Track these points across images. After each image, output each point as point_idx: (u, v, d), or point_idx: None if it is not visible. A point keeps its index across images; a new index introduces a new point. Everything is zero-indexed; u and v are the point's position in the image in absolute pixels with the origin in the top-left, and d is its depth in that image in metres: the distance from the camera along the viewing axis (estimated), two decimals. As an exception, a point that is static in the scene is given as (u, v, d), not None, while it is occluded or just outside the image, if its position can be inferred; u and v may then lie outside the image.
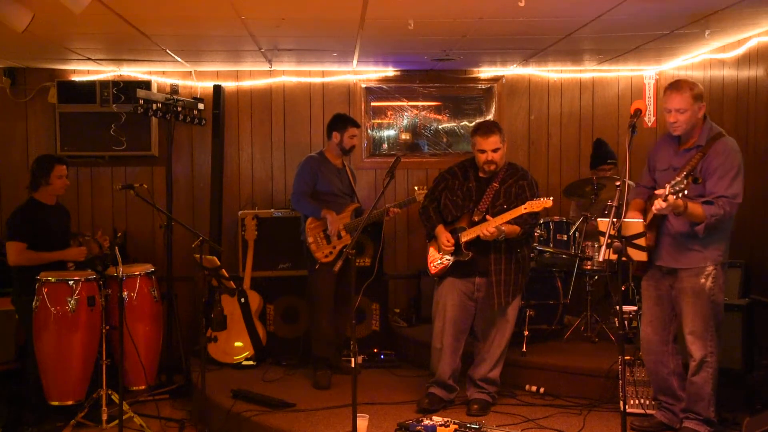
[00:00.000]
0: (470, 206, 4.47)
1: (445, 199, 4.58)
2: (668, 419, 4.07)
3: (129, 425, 4.62)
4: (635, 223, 3.65)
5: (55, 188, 4.96)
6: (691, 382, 3.89)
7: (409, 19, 4.54)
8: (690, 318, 3.85)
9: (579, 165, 6.66)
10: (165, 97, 5.75)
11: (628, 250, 3.41)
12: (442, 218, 4.59)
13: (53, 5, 3.69)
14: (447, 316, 4.50)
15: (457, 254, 4.44)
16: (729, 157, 3.76)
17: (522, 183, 4.46)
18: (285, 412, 4.53)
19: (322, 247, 5.21)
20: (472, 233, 4.36)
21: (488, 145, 4.39)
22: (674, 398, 4.06)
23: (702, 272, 3.82)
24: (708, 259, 3.82)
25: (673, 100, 3.79)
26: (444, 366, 4.51)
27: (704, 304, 3.82)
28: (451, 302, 4.49)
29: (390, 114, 6.86)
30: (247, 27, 4.79)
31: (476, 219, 4.40)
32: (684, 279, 3.87)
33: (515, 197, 4.40)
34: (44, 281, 4.67)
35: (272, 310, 5.95)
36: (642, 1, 4.21)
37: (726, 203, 3.67)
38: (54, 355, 4.64)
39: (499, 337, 4.49)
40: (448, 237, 4.46)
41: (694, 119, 3.81)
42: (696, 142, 3.85)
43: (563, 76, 6.72)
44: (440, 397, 4.52)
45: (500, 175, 4.49)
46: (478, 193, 4.49)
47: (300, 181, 5.31)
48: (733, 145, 3.83)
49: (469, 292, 4.50)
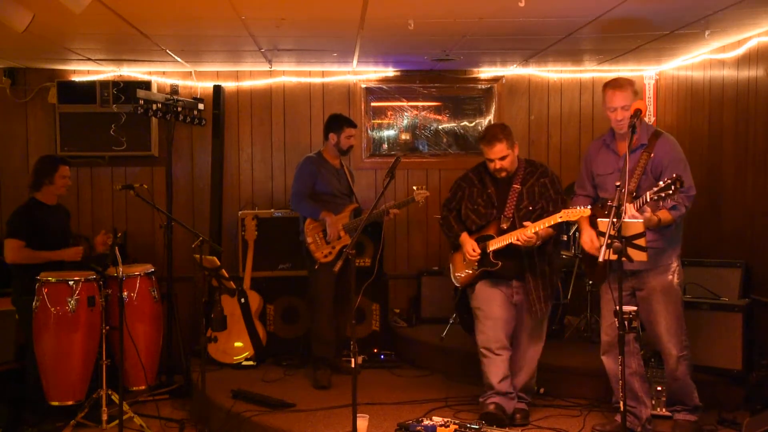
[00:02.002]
0: (494, 213, 4.28)
1: (466, 209, 4.38)
2: (630, 422, 4.00)
3: (129, 425, 4.62)
4: (635, 224, 3.65)
5: (57, 188, 4.97)
6: (675, 378, 3.97)
7: (409, 19, 4.54)
8: (663, 316, 3.91)
9: (579, 165, 6.64)
10: (165, 98, 5.75)
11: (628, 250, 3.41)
12: (465, 226, 4.39)
13: (53, 5, 3.70)
14: (497, 317, 4.27)
15: (484, 264, 4.26)
16: (675, 152, 3.86)
17: (544, 180, 4.30)
18: (285, 412, 4.53)
19: (321, 247, 5.21)
20: (502, 241, 4.17)
21: (494, 154, 4.20)
22: (636, 400, 4.03)
23: (668, 269, 3.91)
24: (672, 255, 3.92)
25: (617, 98, 3.84)
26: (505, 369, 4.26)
27: (675, 300, 3.92)
28: (498, 303, 4.28)
29: (390, 114, 6.86)
30: (247, 27, 4.79)
31: (504, 226, 4.21)
32: (651, 278, 3.91)
33: (539, 196, 4.25)
34: (44, 281, 4.67)
35: (272, 310, 5.95)
36: (642, 1, 4.21)
37: (684, 199, 3.74)
38: (54, 355, 4.64)
39: (535, 346, 4.37)
40: (474, 246, 4.26)
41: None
42: (639, 141, 3.87)
43: (563, 76, 6.72)
44: (504, 407, 4.25)
45: (519, 175, 4.30)
46: (500, 198, 4.30)
47: (298, 183, 5.31)
48: (674, 140, 3.94)
49: (508, 295, 4.30)
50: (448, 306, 5.64)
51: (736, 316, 4.44)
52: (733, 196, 5.38)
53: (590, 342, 5.36)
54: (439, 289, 6.17)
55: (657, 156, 3.83)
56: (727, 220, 5.44)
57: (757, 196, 5.09)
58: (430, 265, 6.48)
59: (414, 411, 4.48)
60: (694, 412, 4.03)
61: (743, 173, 5.18)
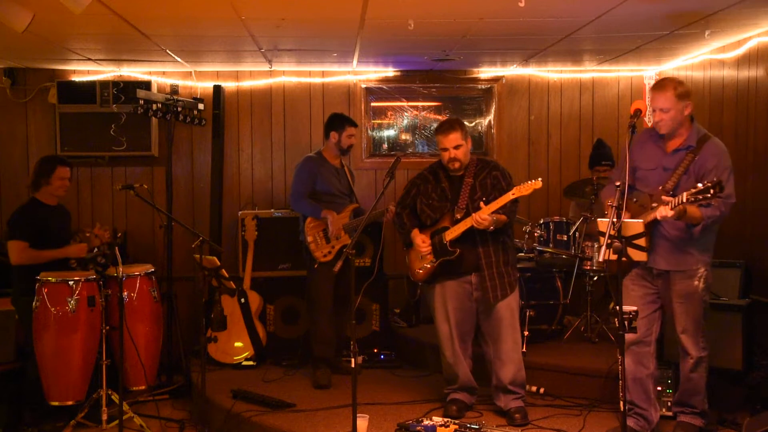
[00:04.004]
0: (448, 206, 4.42)
1: (421, 204, 4.51)
2: (640, 426, 3.99)
3: (129, 425, 4.62)
4: (635, 224, 3.65)
5: (54, 189, 4.96)
6: (689, 378, 3.92)
7: (409, 19, 4.54)
8: (683, 318, 3.86)
9: (579, 165, 6.66)
10: (165, 98, 5.75)
11: (628, 250, 3.41)
12: (419, 222, 4.53)
13: (53, 5, 3.70)
14: (452, 321, 4.42)
15: (443, 254, 4.37)
16: (722, 158, 3.76)
17: (495, 173, 4.40)
18: (285, 412, 4.53)
19: (321, 246, 5.21)
20: (459, 229, 4.29)
21: (449, 142, 4.33)
22: (648, 402, 4.00)
23: (695, 274, 3.84)
24: (700, 261, 3.84)
25: (657, 100, 3.78)
26: (463, 369, 4.44)
27: (696, 305, 3.85)
28: (452, 306, 4.42)
29: (390, 114, 6.86)
30: (247, 27, 4.79)
31: (458, 216, 4.34)
32: (677, 281, 3.86)
33: (492, 188, 4.35)
34: (44, 281, 4.67)
35: (272, 310, 5.95)
36: (642, 1, 4.21)
37: (721, 204, 3.64)
38: (54, 356, 4.64)
39: (512, 336, 4.40)
40: (423, 238, 4.42)
41: (680, 117, 3.78)
42: (686, 143, 3.82)
43: (563, 77, 6.73)
44: (464, 402, 4.46)
45: (471, 170, 4.43)
46: (453, 191, 4.42)
47: (299, 182, 5.30)
48: (723, 146, 3.83)
49: (466, 292, 4.42)
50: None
51: (736, 316, 4.44)
52: (733, 196, 5.37)
53: (590, 342, 5.37)
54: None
55: (702, 158, 3.74)
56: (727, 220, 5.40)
57: (757, 196, 5.09)
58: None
59: (414, 411, 4.48)
60: (700, 417, 3.97)
61: (743, 173, 5.17)
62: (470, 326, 4.50)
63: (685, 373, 3.94)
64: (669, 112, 3.75)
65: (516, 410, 4.33)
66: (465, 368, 4.46)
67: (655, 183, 3.86)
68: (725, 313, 4.47)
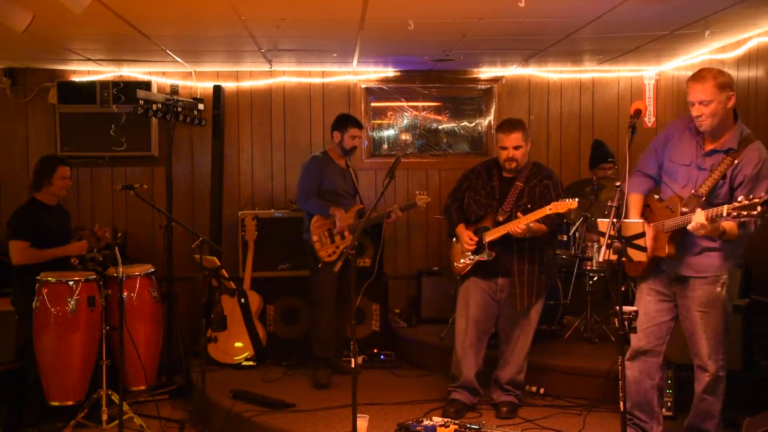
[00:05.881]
0: (494, 205, 4.41)
1: (469, 198, 4.51)
2: None
3: (129, 426, 4.62)
4: (635, 224, 3.64)
5: (56, 189, 4.97)
6: (703, 398, 3.61)
7: (409, 20, 4.54)
8: (703, 329, 3.56)
9: (579, 165, 6.66)
10: (165, 98, 5.75)
11: (629, 251, 3.40)
12: (465, 217, 4.53)
13: (53, 5, 3.70)
14: (470, 316, 4.44)
15: (480, 253, 4.37)
16: (764, 166, 3.42)
17: (546, 182, 4.39)
18: (285, 412, 4.53)
19: (326, 245, 5.20)
20: (498, 232, 4.29)
21: (510, 141, 4.35)
22: (650, 415, 3.79)
23: (718, 280, 3.55)
24: (724, 267, 3.56)
25: (695, 92, 3.44)
26: (468, 366, 4.44)
27: (719, 314, 3.56)
28: (474, 301, 4.43)
29: (390, 114, 6.86)
30: (247, 27, 4.79)
31: (501, 219, 4.33)
32: (698, 287, 3.57)
33: (539, 197, 4.32)
34: (44, 281, 4.67)
35: (272, 310, 5.95)
36: (642, 2, 4.21)
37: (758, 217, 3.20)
38: (54, 356, 4.64)
39: (523, 340, 4.44)
40: (470, 235, 4.41)
41: (722, 111, 3.44)
42: (727, 144, 3.49)
43: (563, 77, 6.73)
44: (464, 402, 4.47)
45: (524, 174, 4.41)
46: (502, 192, 4.42)
47: (305, 180, 5.29)
48: (765, 151, 3.49)
49: (492, 292, 4.43)
50: (448, 306, 5.64)
51: (736, 316, 4.43)
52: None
53: (590, 342, 5.37)
54: (439, 289, 6.17)
55: (742, 163, 3.42)
56: (727, 221, 5.42)
57: (757, 196, 5.08)
58: (430, 266, 6.48)
59: (414, 411, 4.48)
60: None
61: (743, 173, 5.16)
62: (488, 326, 4.49)
63: (699, 393, 3.61)
64: (710, 104, 3.42)
65: (504, 404, 4.41)
66: (470, 368, 4.45)
67: (683, 180, 3.60)
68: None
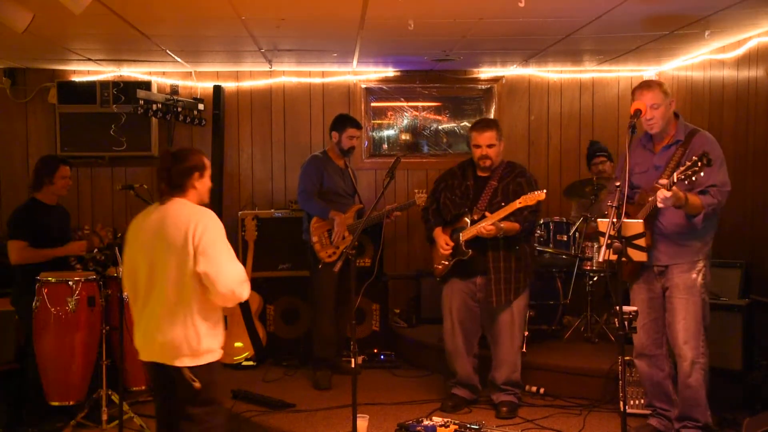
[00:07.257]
0: (468, 204, 4.46)
1: (444, 198, 4.59)
2: (664, 426, 4.02)
3: (129, 426, 4.61)
4: (635, 224, 3.65)
5: (57, 188, 4.96)
6: (687, 386, 3.83)
7: (409, 19, 4.54)
8: (682, 315, 3.81)
9: (579, 165, 6.66)
10: (165, 98, 5.75)
11: (628, 251, 3.41)
12: (442, 219, 4.58)
13: (53, 5, 3.69)
14: (454, 318, 4.51)
15: (458, 254, 4.43)
16: (713, 147, 3.76)
17: (520, 180, 4.44)
18: (285, 412, 4.53)
19: (326, 246, 5.20)
20: (471, 232, 4.35)
21: (483, 140, 4.42)
22: (669, 403, 4.01)
23: (694, 267, 3.83)
24: (700, 253, 3.84)
25: (645, 98, 3.81)
26: (463, 365, 4.52)
27: (696, 301, 3.81)
28: (456, 304, 4.51)
29: (390, 114, 6.86)
30: (247, 27, 4.79)
31: (475, 217, 4.39)
32: (676, 275, 3.84)
33: (513, 194, 4.36)
34: (44, 282, 4.66)
35: (272, 310, 5.95)
36: (642, 2, 4.21)
37: (717, 192, 3.69)
38: (54, 356, 4.63)
39: (510, 339, 4.46)
40: (446, 240, 4.47)
41: (668, 114, 3.85)
42: (675, 138, 3.88)
43: (563, 77, 6.73)
44: (463, 397, 4.53)
45: (498, 172, 4.49)
46: (476, 191, 4.49)
47: (306, 180, 5.28)
48: (713, 138, 3.89)
49: (471, 292, 4.49)
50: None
51: (736, 316, 4.44)
52: (733, 196, 5.32)
53: (590, 342, 5.36)
54: (439, 289, 6.12)
55: (692, 149, 3.76)
56: (727, 220, 5.42)
57: (757, 196, 5.09)
58: (430, 266, 6.44)
59: (414, 411, 4.48)
60: (703, 431, 3.86)
61: (743, 174, 5.18)
62: (474, 325, 4.55)
63: (682, 379, 3.85)
64: (659, 108, 3.80)
65: (504, 404, 4.42)
66: (464, 364, 4.51)
67: (648, 183, 3.88)
68: (725, 313, 4.47)
